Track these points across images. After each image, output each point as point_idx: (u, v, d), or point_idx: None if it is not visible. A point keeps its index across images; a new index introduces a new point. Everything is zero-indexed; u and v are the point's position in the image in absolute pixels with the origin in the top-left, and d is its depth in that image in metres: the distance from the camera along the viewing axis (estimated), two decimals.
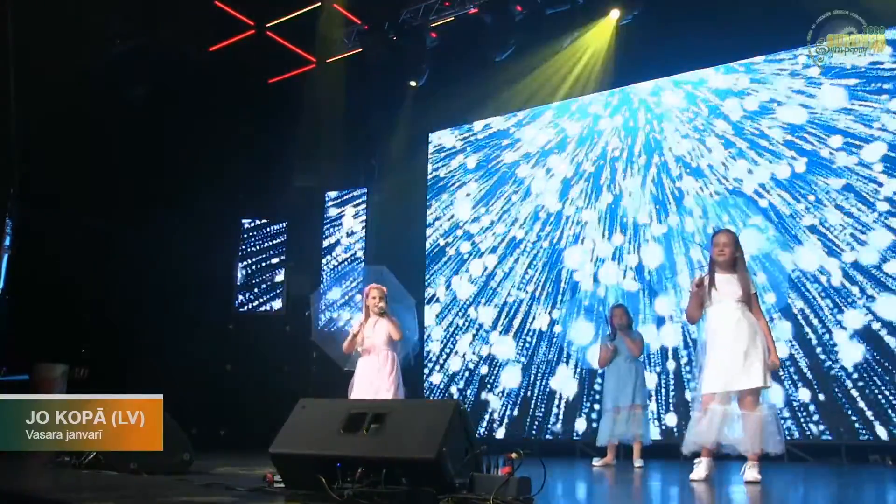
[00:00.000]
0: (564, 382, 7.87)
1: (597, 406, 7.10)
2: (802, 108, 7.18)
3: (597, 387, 7.21)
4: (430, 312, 8.98)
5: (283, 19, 8.77)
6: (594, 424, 6.94)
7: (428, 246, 9.28)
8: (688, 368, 7.10)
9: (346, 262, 9.62)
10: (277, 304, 9.68)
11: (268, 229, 9.92)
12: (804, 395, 6.57)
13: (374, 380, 4.99)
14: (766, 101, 7.41)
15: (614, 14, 7.75)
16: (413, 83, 8.77)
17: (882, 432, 6.18)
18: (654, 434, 6.62)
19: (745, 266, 4.21)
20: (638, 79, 8.21)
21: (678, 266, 7.43)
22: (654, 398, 7.14)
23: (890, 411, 6.18)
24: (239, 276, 9.76)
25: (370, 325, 5.14)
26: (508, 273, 8.59)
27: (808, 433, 6.48)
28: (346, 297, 8.84)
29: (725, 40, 7.38)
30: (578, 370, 7.77)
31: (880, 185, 6.63)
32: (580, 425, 7.62)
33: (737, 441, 3.96)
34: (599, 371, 6.23)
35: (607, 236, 8.05)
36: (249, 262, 9.83)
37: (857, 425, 6.30)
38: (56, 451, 4.27)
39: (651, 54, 7.82)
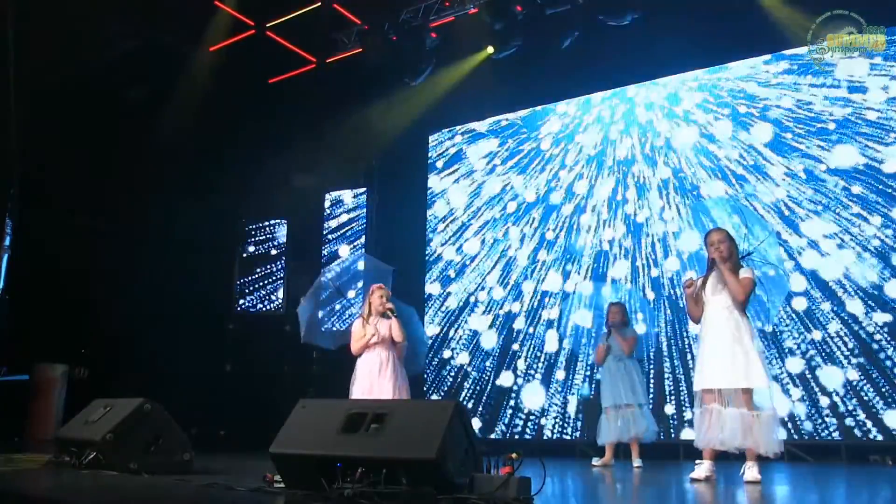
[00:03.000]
0: (564, 382, 7.87)
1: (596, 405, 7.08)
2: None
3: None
4: (430, 312, 8.97)
5: (283, 19, 8.78)
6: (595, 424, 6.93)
7: (428, 246, 9.28)
8: (691, 365, 7.08)
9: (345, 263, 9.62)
10: (277, 305, 9.68)
11: (268, 229, 9.93)
12: (804, 394, 6.56)
13: (374, 379, 5.00)
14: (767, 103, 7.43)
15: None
16: (413, 83, 8.76)
17: (882, 432, 6.18)
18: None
19: (738, 264, 4.22)
20: (641, 78, 8.20)
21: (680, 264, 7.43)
22: (654, 396, 7.15)
23: (889, 411, 6.18)
24: (239, 276, 9.75)
25: (371, 324, 5.15)
26: (510, 272, 8.59)
27: (809, 433, 6.47)
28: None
29: (727, 40, 7.41)
30: (578, 369, 7.77)
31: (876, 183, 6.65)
32: (579, 425, 7.61)
33: (733, 441, 3.98)
34: (601, 369, 6.24)
35: (611, 234, 8.05)
36: (249, 261, 9.83)
37: (856, 425, 6.30)
38: (56, 451, 4.29)
39: (653, 54, 7.81)
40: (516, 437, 7.95)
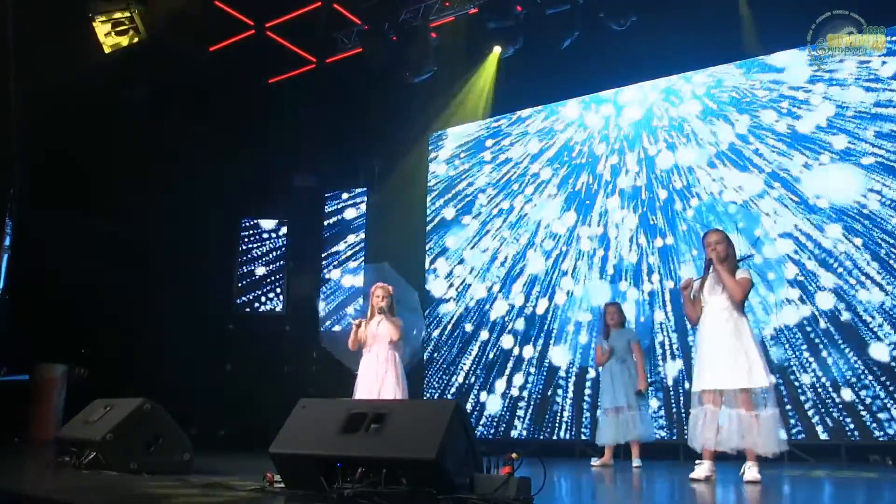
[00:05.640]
0: (564, 382, 7.87)
1: (596, 406, 7.08)
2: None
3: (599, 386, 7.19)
4: (430, 312, 8.97)
5: (283, 19, 8.78)
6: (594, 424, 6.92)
7: (428, 246, 9.27)
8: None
9: (346, 263, 9.63)
10: (277, 304, 9.68)
11: (268, 229, 9.93)
12: (805, 394, 6.56)
13: (375, 378, 5.03)
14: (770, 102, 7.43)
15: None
16: (413, 82, 8.77)
17: (882, 432, 6.18)
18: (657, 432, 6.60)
19: (736, 265, 4.22)
20: (643, 78, 8.19)
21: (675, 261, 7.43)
22: (654, 396, 7.16)
23: (889, 411, 6.18)
24: (239, 276, 9.76)
25: (374, 323, 5.18)
26: (509, 272, 8.58)
27: (809, 433, 6.47)
28: (349, 297, 8.87)
29: (729, 39, 7.42)
30: (578, 369, 7.77)
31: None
32: (580, 425, 7.61)
33: (730, 441, 3.98)
34: (600, 371, 6.23)
35: (608, 235, 8.04)
36: (249, 261, 9.83)
37: (857, 425, 6.29)
38: (56, 451, 4.29)
39: (656, 53, 7.81)
40: (516, 437, 7.96)
